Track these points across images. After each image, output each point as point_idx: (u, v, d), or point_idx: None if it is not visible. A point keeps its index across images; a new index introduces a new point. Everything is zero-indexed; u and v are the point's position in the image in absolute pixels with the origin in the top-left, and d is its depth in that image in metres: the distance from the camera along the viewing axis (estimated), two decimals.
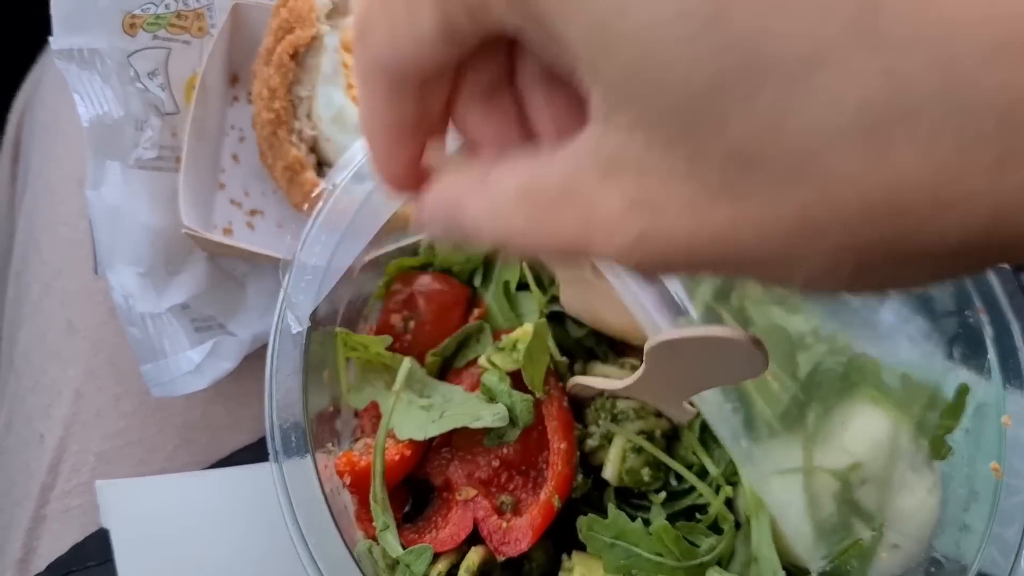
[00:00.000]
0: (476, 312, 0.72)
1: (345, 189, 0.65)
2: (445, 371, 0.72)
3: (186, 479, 0.70)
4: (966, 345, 0.66)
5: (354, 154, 0.66)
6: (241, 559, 0.68)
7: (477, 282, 0.74)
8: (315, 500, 0.60)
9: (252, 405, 0.77)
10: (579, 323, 0.73)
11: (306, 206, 0.64)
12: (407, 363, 0.66)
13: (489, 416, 0.65)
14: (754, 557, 0.63)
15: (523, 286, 0.72)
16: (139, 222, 0.72)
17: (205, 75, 0.76)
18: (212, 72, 0.78)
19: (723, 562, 0.63)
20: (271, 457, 0.61)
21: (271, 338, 0.61)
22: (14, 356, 0.82)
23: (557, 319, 0.73)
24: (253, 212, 0.81)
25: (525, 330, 0.67)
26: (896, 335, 0.67)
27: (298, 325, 0.61)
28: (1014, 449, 0.61)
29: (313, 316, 0.63)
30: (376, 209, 0.66)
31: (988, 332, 0.64)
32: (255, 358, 0.76)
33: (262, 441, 0.62)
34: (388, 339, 0.68)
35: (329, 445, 0.64)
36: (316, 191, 0.64)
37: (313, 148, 0.76)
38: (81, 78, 0.71)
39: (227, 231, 0.79)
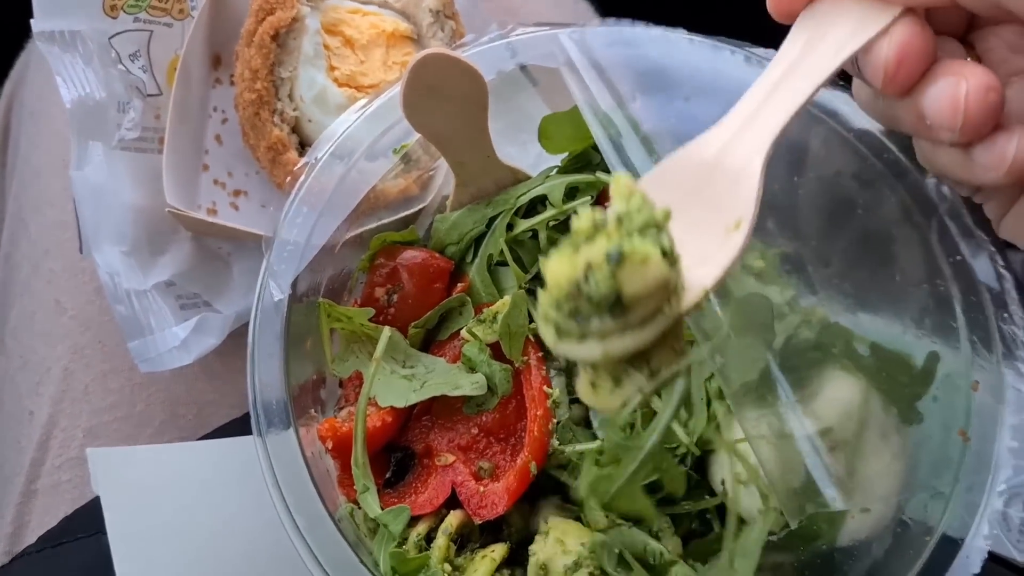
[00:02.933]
0: (459, 286, 0.73)
1: (325, 166, 0.66)
2: (428, 344, 0.74)
3: (176, 449, 0.72)
4: (937, 314, 0.67)
5: (335, 129, 0.67)
6: (230, 527, 0.69)
7: (468, 259, 0.75)
8: (298, 471, 0.61)
9: (237, 381, 0.78)
10: None
11: (288, 179, 0.65)
12: (387, 331, 0.67)
13: (468, 384, 0.67)
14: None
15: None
16: (122, 201, 0.73)
17: (186, 56, 0.77)
18: (193, 53, 0.79)
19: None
20: (254, 429, 0.62)
21: (253, 310, 0.62)
22: (4, 336, 0.83)
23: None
24: (237, 192, 0.82)
25: (505, 302, 0.68)
26: (869, 306, 0.68)
27: (280, 292, 0.62)
28: (982, 415, 0.63)
29: (295, 288, 0.64)
30: (355, 186, 0.67)
31: (958, 300, 0.65)
32: (240, 335, 0.78)
33: (247, 416, 0.63)
34: (371, 311, 0.69)
35: (312, 411, 0.66)
36: (298, 166, 0.65)
37: (295, 129, 0.77)
38: (63, 60, 0.73)
39: (211, 211, 0.80)
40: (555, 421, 0.67)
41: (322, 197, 0.65)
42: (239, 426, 0.78)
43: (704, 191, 0.52)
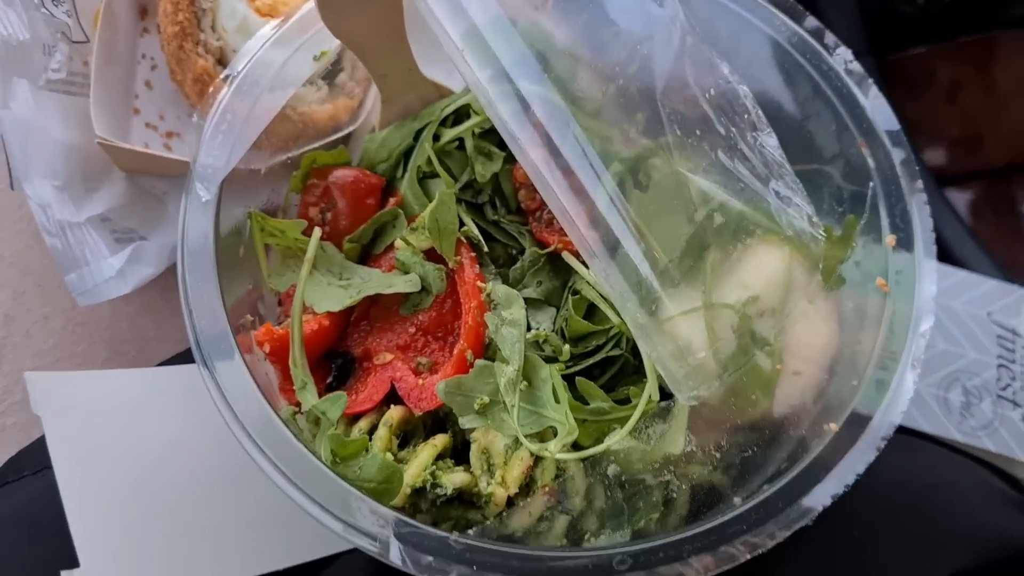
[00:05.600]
0: (391, 200, 0.74)
1: (247, 76, 0.67)
2: (365, 261, 0.74)
3: (117, 375, 0.71)
4: (854, 183, 0.69)
5: (254, 44, 0.68)
6: (174, 449, 0.69)
7: (399, 175, 0.76)
8: (235, 368, 0.61)
9: (179, 316, 0.78)
10: (495, 206, 0.75)
11: (211, 89, 0.66)
12: (317, 232, 0.68)
13: (401, 282, 0.68)
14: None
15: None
16: (53, 138, 0.74)
17: (110, 1, 0.78)
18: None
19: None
20: (195, 354, 0.61)
21: (181, 214, 0.63)
22: None
23: (476, 208, 0.75)
24: (169, 134, 0.83)
25: (433, 205, 0.69)
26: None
27: (207, 194, 0.63)
28: (899, 265, 0.65)
29: (222, 200, 0.65)
30: (277, 93, 0.68)
31: (870, 164, 0.67)
32: None
33: (189, 351, 0.63)
34: (304, 223, 0.70)
35: (248, 315, 0.66)
36: (219, 78, 0.66)
37: (221, 61, 0.78)
38: None
39: None
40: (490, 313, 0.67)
41: (248, 101, 0.66)
42: (182, 360, 0.78)
43: None
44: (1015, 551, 0.74)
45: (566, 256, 0.70)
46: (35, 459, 0.72)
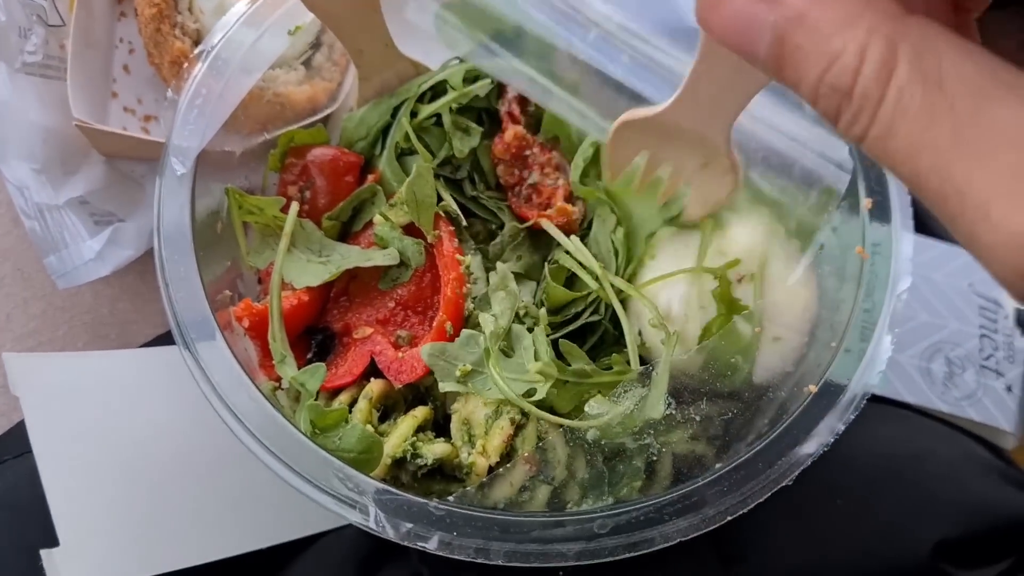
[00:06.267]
0: (370, 178, 0.74)
1: (221, 50, 0.67)
2: (344, 238, 0.74)
3: (95, 357, 0.72)
4: (833, 150, 0.69)
5: (228, 20, 0.68)
6: (156, 431, 0.69)
7: (378, 153, 0.76)
8: (216, 345, 0.61)
9: (158, 300, 0.78)
10: (473, 182, 0.75)
11: (186, 64, 0.66)
12: (295, 207, 0.68)
13: (380, 256, 0.68)
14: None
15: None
16: (30, 120, 0.73)
17: None
18: None
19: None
20: (174, 332, 0.61)
21: (156, 190, 0.62)
22: None
23: (455, 184, 0.75)
24: (147, 118, 0.83)
25: (411, 177, 0.69)
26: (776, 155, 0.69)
27: (182, 167, 0.62)
28: (877, 230, 0.65)
29: (197, 179, 0.65)
30: (252, 67, 0.68)
31: None
32: None
33: (169, 334, 0.62)
34: (282, 200, 0.70)
35: (227, 291, 0.66)
36: (193, 54, 0.66)
37: (198, 42, 0.78)
38: None
39: None
40: (469, 286, 0.67)
41: (222, 76, 0.66)
42: (162, 343, 0.77)
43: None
44: (999, 519, 0.74)
45: (545, 224, 0.70)
46: (16, 443, 0.72)
